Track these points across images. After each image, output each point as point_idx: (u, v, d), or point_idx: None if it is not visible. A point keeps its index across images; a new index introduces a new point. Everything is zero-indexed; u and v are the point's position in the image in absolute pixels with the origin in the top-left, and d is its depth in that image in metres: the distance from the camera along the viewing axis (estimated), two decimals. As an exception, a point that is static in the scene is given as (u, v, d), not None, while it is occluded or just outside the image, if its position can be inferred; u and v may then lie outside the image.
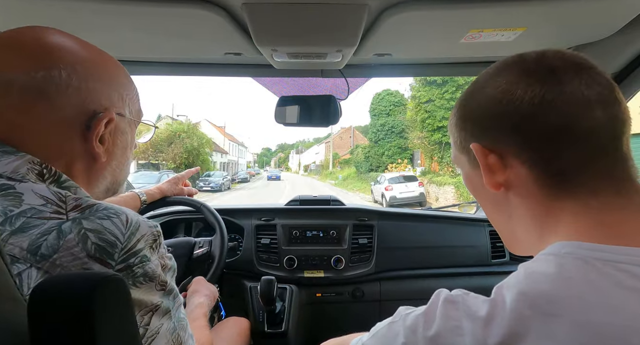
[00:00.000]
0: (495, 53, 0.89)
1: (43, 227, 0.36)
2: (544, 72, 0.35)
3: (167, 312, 0.42)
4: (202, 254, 1.06)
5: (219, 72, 1.06)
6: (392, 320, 0.37)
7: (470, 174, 0.43)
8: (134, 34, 0.77)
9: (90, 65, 0.44)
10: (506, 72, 0.38)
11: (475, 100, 0.40)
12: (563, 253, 0.31)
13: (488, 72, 0.40)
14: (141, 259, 0.39)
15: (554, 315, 0.27)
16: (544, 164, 0.35)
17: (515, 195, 0.37)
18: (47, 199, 0.38)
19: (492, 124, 0.37)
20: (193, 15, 0.67)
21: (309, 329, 1.29)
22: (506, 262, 1.38)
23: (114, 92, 0.47)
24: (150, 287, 0.40)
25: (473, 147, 0.38)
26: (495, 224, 0.44)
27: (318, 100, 1.07)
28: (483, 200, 0.43)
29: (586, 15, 0.69)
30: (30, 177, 0.39)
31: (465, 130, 0.41)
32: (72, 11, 0.66)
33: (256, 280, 1.19)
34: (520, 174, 0.36)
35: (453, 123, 0.43)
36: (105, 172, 0.49)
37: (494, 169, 0.37)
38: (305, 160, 57.57)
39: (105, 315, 0.30)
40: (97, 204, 0.40)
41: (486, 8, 0.65)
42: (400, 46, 0.87)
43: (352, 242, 1.32)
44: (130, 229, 0.39)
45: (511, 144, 0.36)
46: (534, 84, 0.35)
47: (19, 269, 0.34)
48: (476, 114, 0.39)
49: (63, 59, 0.42)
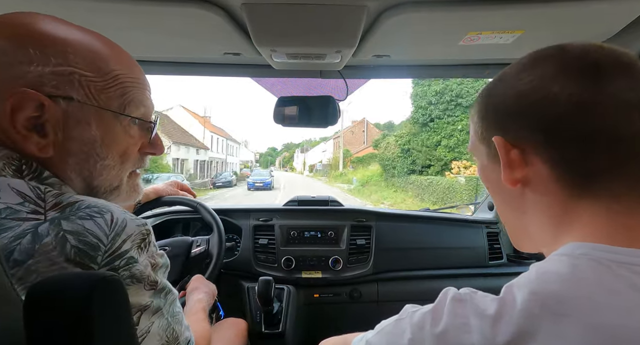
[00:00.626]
0: (493, 55, 0.89)
1: (17, 229, 0.33)
2: (586, 70, 0.33)
3: (157, 310, 0.40)
4: (199, 253, 1.06)
5: (218, 72, 1.06)
6: (398, 317, 0.37)
7: (487, 166, 0.41)
8: (131, 32, 0.77)
9: (20, 37, 0.37)
10: (543, 65, 0.35)
11: (503, 91, 0.37)
12: (577, 254, 0.31)
13: (522, 62, 0.37)
14: (127, 261, 0.37)
15: (564, 316, 0.27)
16: (568, 164, 0.33)
17: (532, 192, 0.36)
18: (24, 196, 0.35)
19: (518, 119, 0.35)
20: (192, 14, 0.67)
21: (307, 330, 1.29)
22: (504, 263, 1.39)
23: (52, 68, 0.37)
24: (139, 288, 0.38)
25: (495, 140, 0.37)
26: (507, 218, 0.42)
27: (317, 100, 1.07)
28: (497, 195, 0.42)
29: (584, 19, 0.69)
30: (7, 172, 0.36)
31: (487, 120, 0.39)
32: (67, 9, 0.65)
33: (254, 281, 1.19)
34: (541, 173, 0.35)
35: (476, 110, 0.41)
36: (67, 171, 0.41)
37: (514, 165, 0.36)
38: (311, 160, 53.65)
39: (102, 316, 0.29)
40: (80, 201, 0.37)
41: (484, 11, 0.65)
42: (399, 48, 0.87)
43: (350, 243, 1.32)
44: (116, 229, 0.36)
45: (536, 141, 0.34)
46: (573, 82, 0.32)
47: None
48: (503, 106, 0.37)
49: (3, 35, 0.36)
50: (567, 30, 0.74)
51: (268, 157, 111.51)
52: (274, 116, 1.09)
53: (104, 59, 0.42)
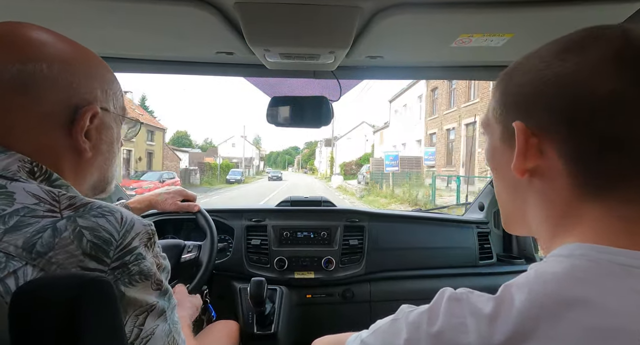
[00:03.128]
0: (485, 58, 0.90)
1: (37, 225, 0.35)
2: (633, 62, 0.29)
3: (162, 313, 0.41)
4: (190, 259, 1.04)
5: (211, 71, 1.05)
6: (394, 317, 0.37)
7: (497, 147, 0.39)
8: (123, 31, 0.76)
9: (72, 60, 0.44)
10: (579, 52, 0.31)
11: (537, 70, 0.34)
12: (577, 254, 0.30)
13: (552, 47, 0.34)
14: (136, 257, 0.39)
15: (563, 317, 0.27)
16: (585, 162, 0.32)
17: (540, 183, 0.35)
18: (40, 198, 0.37)
19: (545, 106, 0.32)
20: (184, 13, 0.67)
21: (299, 331, 1.29)
22: (493, 263, 1.41)
23: (97, 87, 0.46)
24: (146, 286, 0.40)
25: (516, 126, 0.34)
26: (504, 202, 0.41)
27: (310, 101, 1.07)
28: (501, 178, 0.40)
29: (573, 23, 0.70)
30: (22, 175, 0.39)
31: (509, 101, 0.36)
32: (59, 7, 0.64)
33: (246, 282, 1.18)
34: (554, 166, 0.33)
35: (499, 89, 0.38)
36: (92, 168, 0.48)
37: (529, 154, 0.34)
38: (344, 155, 33.16)
39: (90, 317, 0.29)
40: (92, 203, 0.40)
41: (476, 14, 0.66)
42: (392, 49, 0.88)
43: (343, 243, 1.32)
44: (125, 226, 0.39)
45: (558, 133, 0.32)
46: (615, 75, 0.29)
47: (15, 267, 0.33)
48: (530, 88, 0.34)
49: (45, 53, 0.41)
50: (556, 34, 0.75)
51: (286, 155, 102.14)
52: (266, 116, 1.09)
53: (110, 71, 0.50)
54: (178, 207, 1.06)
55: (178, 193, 1.07)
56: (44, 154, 0.42)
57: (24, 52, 0.40)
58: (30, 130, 0.41)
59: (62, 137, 0.43)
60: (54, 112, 0.42)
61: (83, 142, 0.44)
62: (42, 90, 0.41)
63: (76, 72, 0.44)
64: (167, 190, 1.08)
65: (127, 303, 0.38)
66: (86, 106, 0.44)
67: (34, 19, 0.46)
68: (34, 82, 0.40)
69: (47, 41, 0.43)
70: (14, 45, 0.40)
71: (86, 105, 0.44)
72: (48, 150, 0.43)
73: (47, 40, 0.43)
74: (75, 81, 0.43)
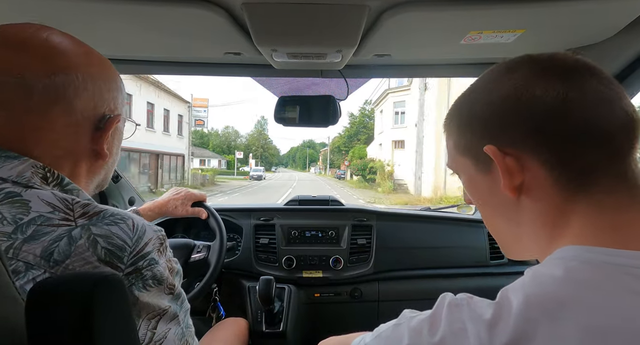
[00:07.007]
0: (494, 54, 0.89)
1: (53, 234, 0.37)
2: (562, 71, 0.34)
3: (174, 317, 0.42)
4: (199, 259, 1.05)
5: (219, 72, 1.06)
6: (396, 322, 0.37)
7: (475, 178, 0.40)
8: (133, 33, 0.77)
9: (97, 69, 0.46)
10: (520, 71, 0.36)
11: (484, 100, 0.37)
12: (570, 256, 0.31)
13: (495, 70, 0.38)
14: (149, 262, 0.40)
15: (561, 318, 0.27)
16: (564, 164, 0.33)
17: (528, 198, 0.36)
18: (54, 207, 0.38)
19: (509, 124, 0.35)
20: (193, 15, 0.67)
21: (307, 329, 1.29)
22: (505, 263, 1.38)
23: (117, 95, 0.49)
24: (160, 291, 0.41)
25: (489, 150, 0.36)
26: (498, 229, 0.41)
27: (318, 100, 1.08)
28: (488, 206, 0.41)
29: (585, 18, 0.69)
30: (35, 181, 0.39)
31: (472, 132, 0.38)
32: (67, 10, 0.66)
33: (255, 280, 1.19)
34: (539, 176, 0.34)
35: (455, 124, 0.41)
36: (102, 169, 0.50)
37: (512, 171, 0.35)
38: (389, 135, 20.06)
39: (104, 314, 0.30)
40: (104, 210, 0.41)
41: (485, 10, 0.65)
42: (400, 47, 0.87)
43: (351, 243, 1.32)
44: (138, 233, 0.40)
45: (531, 144, 0.34)
46: (554, 82, 0.33)
47: (34, 275, 0.35)
48: (487, 114, 0.36)
49: (76, 64, 0.43)
50: (568, 29, 0.74)
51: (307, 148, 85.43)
52: (274, 116, 1.09)
53: (119, 75, 0.51)
54: (189, 213, 1.08)
55: (188, 198, 1.08)
56: (65, 159, 0.44)
57: (55, 63, 0.41)
58: (57, 135, 0.42)
59: (86, 142, 0.45)
60: (82, 121, 0.44)
61: (106, 148, 0.47)
62: (74, 99, 0.42)
63: (100, 81, 0.45)
64: (176, 194, 1.07)
65: (140, 308, 0.38)
66: (112, 115, 0.47)
67: (44, 21, 0.47)
68: (67, 91, 0.41)
69: (73, 49, 0.44)
70: (44, 52, 0.41)
71: (111, 113, 0.47)
72: (70, 156, 0.44)
73: (73, 49, 0.44)
74: (101, 89, 0.45)
